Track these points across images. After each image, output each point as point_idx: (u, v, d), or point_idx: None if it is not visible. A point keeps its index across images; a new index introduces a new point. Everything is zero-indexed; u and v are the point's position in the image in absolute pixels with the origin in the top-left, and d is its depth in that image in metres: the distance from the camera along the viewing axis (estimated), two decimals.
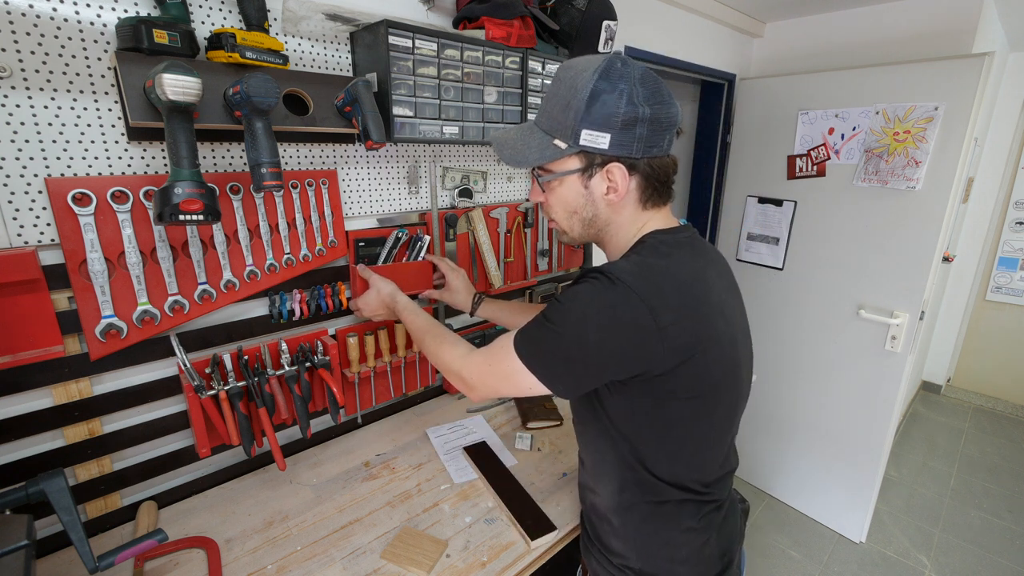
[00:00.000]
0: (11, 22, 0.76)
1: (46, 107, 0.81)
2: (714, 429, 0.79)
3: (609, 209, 0.78)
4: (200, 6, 0.93)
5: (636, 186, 0.76)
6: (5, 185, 0.80)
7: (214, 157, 1.01)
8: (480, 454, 1.22)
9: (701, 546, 0.81)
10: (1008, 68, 3.07)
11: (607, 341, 0.67)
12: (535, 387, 0.74)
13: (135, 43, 0.80)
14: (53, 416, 0.90)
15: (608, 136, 0.71)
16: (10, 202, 0.81)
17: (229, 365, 1.05)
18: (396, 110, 1.08)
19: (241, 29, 0.92)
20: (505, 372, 0.76)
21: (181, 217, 0.80)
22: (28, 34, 0.77)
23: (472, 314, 1.27)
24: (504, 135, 0.85)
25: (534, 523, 1.00)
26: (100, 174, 0.88)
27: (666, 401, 0.72)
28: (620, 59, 0.71)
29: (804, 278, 2.30)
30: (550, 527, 0.99)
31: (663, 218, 0.81)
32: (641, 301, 0.66)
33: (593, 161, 0.75)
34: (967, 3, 1.98)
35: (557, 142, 0.75)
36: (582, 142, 0.72)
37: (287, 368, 1.11)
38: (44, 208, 0.84)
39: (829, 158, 2.12)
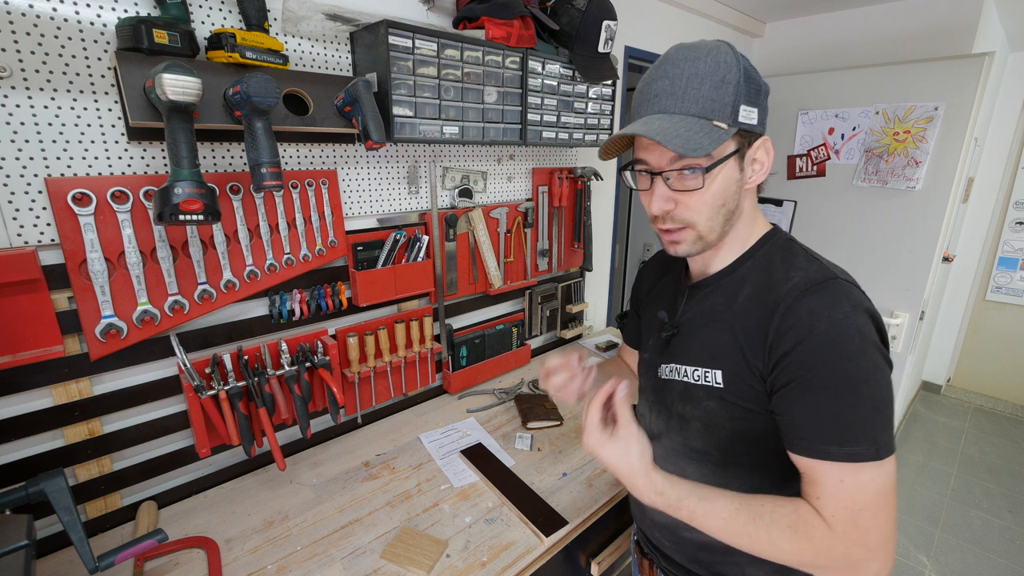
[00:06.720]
0: (11, 22, 0.76)
1: (46, 107, 0.81)
2: None
3: (744, 197, 0.71)
4: (200, 6, 0.93)
5: None
6: (5, 185, 0.80)
7: (214, 157, 1.01)
8: (478, 456, 1.22)
9: None
10: (1008, 68, 3.07)
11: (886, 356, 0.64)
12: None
13: (135, 43, 0.80)
14: (53, 416, 0.90)
15: (756, 111, 0.65)
16: (10, 202, 0.81)
17: (229, 365, 1.05)
18: (396, 110, 1.08)
19: (241, 29, 0.92)
20: (887, 497, 0.66)
21: (181, 217, 0.80)
22: (28, 34, 0.77)
23: None
24: (661, 124, 0.64)
25: (545, 519, 1.01)
26: (100, 174, 0.88)
27: None
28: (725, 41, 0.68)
29: None
30: (562, 521, 1.00)
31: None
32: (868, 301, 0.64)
33: (744, 141, 0.66)
34: (967, 3, 1.98)
35: (718, 123, 0.63)
36: (740, 119, 0.64)
37: (287, 368, 1.11)
38: (44, 208, 0.84)
39: (829, 158, 2.12)
